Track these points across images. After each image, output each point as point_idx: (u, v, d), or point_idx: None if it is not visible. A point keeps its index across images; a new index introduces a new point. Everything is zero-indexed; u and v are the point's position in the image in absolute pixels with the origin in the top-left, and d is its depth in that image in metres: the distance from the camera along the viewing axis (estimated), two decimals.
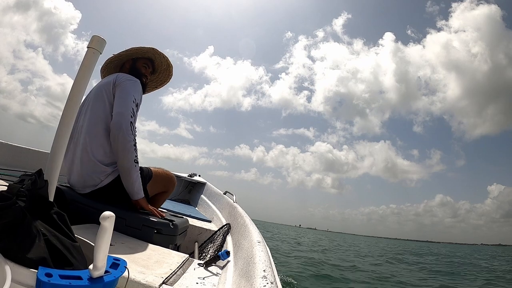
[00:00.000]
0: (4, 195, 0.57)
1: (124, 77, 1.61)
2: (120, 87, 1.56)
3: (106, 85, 1.58)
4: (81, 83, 0.87)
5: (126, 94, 1.54)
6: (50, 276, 0.50)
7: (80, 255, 0.63)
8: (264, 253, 0.98)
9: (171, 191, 1.98)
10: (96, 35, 0.89)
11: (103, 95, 1.55)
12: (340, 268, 8.49)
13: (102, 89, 1.56)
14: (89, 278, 0.54)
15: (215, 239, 1.85)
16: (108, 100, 1.55)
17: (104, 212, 0.54)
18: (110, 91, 1.56)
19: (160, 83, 2.02)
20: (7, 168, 2.10)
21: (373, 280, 7.17)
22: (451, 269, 11.68)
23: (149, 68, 1.84)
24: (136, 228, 1.35)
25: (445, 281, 8.10)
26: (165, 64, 1.90)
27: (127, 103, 1.51)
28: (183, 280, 0.98)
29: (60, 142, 0.83)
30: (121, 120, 1.46)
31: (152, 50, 1.79)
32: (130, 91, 1.55)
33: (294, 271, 6.69)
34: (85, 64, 0.88)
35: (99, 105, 1.54)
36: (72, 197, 1.43)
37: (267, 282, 0.71)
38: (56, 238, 0.60)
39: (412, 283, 7.25)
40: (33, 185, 0.63)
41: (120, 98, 1.53)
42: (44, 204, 0.64)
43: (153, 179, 1.77)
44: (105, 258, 0.55)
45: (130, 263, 0.87)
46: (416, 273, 9.68)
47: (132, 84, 1.59)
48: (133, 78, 1.63)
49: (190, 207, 3.36)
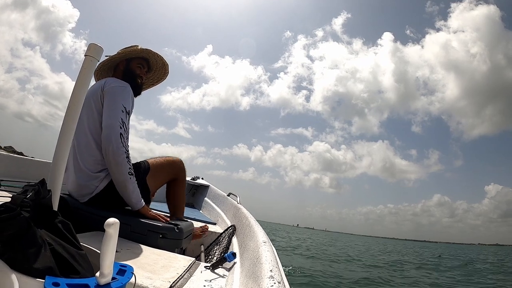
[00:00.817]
0: (8, 206, 0.57)
1: (113, 83, 1.55)
2: (108, 95, 1.50)
3: (94, 92, 1.52)
4: (80, 91, 0.88)
5: (115, 103, 1.48)
6: (57, 285, 0.50)
7: (87, 263, 0.63)
8: (270, 253, 0.98)
9: (182, 177, 1.89)
10: (93, 43, 0.90)
11: (91, 103, 1.50)
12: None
13: (90, 98, 1.50)
14: (96, 285, 0.54)
15: (220, 241, 1.84)
16: (96, 108, 1.50)
17: (108, 219, 0.54)
18: (98, 99, 1.51)
19: (157, 81, 1.95)
20: (10, 179, 2.10)
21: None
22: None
23: (144, 68, 1.77)
24: (141, 233, 1.35)
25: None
26: (160, 62, 1.83)
27: (116, 113, 1.46)
28: (190, 284, 0.97)
29: (62, 151, 0.83)
30: (110, 133, 1.42)
31: (146, 51, 1.72)
32: (118, 99, 1.49)
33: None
34: (83, 72, 0.88)
35: (87, 114, 1.49)
36: (76, 205, 1.43)
37: (274, 282, 0.71)
38: (62, 247, 0.60)
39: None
40: (36, 195, 0.63)
41: (109, 108, 1.47)
42: (48, 214, 0.64)
43: (152, 170, 1.71)
44: (111, 265, 0.55)
45: (136, 268, 0.87)
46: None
47: (121, 90, 1.53)
48: (123, 83, 1.56)
49: (195, 210, 3.36)
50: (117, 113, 1.46)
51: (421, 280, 7.99)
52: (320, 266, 8.79)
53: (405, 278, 8.07)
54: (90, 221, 1.35)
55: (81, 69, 0.88)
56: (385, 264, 11.54)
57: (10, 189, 1.88)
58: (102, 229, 0.54)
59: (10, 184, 1.97)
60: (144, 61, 1.77)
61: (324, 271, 7.56)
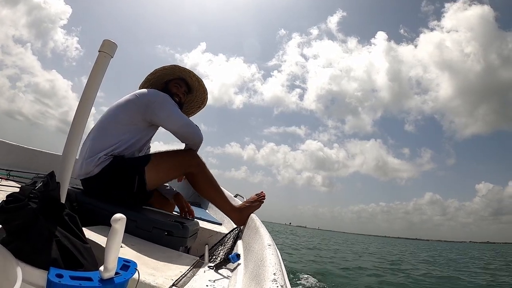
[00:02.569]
0: (17, 197, 0.57)
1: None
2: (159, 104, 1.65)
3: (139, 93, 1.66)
4: (93, 86, 0.88)
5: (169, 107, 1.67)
6: (60, 277, 0.50)
7: (91, 256, 0.63)
8: (275, 256, 0.97)
9: (198, 171, 1.68)
10: (107, 39, 0.90)
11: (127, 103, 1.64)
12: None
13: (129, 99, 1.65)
14: (100, 279, 0.54)
15: (225, 242, 1.84)
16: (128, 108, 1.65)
17: (115, 214, 0.54)
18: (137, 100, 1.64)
19: (201, 102, 2.03)
20: (20, 170, 2.14)
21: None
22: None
23: (182, 87, 1.85)
24: (147, 230, 1.36)
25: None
26: (196, 81, 1.90)
27: (179, 114, 1.72)
28: (193, 283, 0.97)
29: (72, 145, 0.84)
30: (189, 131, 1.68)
31: (175, 67, 1.81)
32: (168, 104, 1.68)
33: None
34: (96, 67, 0.89)
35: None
36: (84, 199, 1.45)
37: (277, 285, 0.70)
38: (67, 240, 0.60)
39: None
40: (45, 187, 0.63)
41: (170, 112, 1.66)
42: (56, 206, 0.65)
43: (153, 161, 1.60)
44: (115, 259, 0.55)
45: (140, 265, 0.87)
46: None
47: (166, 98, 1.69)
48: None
49: (201, 210, 3.36)
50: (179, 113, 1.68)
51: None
52: None
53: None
54: (97, 215, 1.36)
55: (95, 65, 0.89)
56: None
57: (20, 179, 1.92)
58: (109, 223, 0.54)
59: (20, 175, 2.01)
60: (181, 81, 1.86)
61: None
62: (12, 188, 1.62)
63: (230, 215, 1.80)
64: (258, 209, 1.82)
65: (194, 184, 1.73)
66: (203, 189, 1.74)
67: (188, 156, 1.68)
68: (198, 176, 1.69)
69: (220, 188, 1.77)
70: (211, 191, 1.75)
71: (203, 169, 1.70)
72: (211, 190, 1.74)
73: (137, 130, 1.65)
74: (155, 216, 1.46)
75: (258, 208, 1.83)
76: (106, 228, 0.91)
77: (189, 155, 1.68)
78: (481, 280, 8.32)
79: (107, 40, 0.90)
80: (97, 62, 0.89)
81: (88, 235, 0.67)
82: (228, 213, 1.79)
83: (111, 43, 0.90)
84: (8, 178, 1.90)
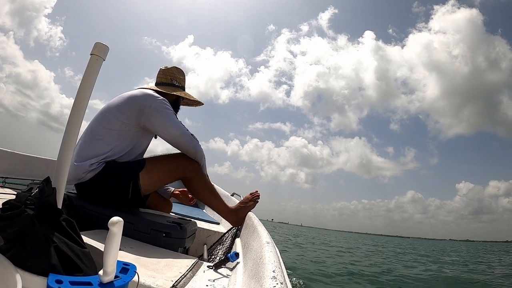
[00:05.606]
0: (13, 204, 0.57)
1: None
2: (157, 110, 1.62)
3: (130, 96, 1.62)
4: (85, 90, 0.88)
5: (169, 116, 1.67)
6: (60, 282, 0.50)
7: (90, 261, 0.63)
8: (273, 253, 0.98)
9: (193, 176, 1.66)
10: (99, 42, 0.89)
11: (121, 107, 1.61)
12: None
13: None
14: (99, 283, 0.54)
15: (224, 241, 1.84)
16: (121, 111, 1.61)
17: (112, 218, 0.54)
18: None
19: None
20: (15, 177, 2.12)
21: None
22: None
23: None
24: (145, 232, 1.36)
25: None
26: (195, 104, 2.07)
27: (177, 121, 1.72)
28: (193, 283, 0.97)
29: (67, 150, 0.83)
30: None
31: (191, 97, 1.92)
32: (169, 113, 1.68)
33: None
34: (89, 71, 0.88)
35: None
36: (80, 204, 1.44)
37: (277, 283, 0.70)
38: (66, 245, 0.60)
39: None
40: (41, 193, 0.63)
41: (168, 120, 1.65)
42: (52, 212, 0.64)
43: (148, 166, 1.56)
44: (114, 263, 0.55)
45: (139, 267, 0.87)
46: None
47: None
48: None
49: (198, 210, 3.36)
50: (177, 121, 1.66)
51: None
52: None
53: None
54: (95, 219, 1.36)
55: (87, 68, 0.88)
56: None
57: (15, 186, 1.90)
58: (106, 227, 0.54)
59: (15, 182, 1.99)
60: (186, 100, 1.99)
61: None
62: (8, 196, 1.60)
63: (226, 218, 1.82)
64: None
65: (190, 188, 1.73)
66: (199, 193, 1.74)
67: (183, 161, 1.65)
68: (193, 181, 1.68)
69: (216, 191, 1.77)
70: (207, 195, 1.75)
71: (199, 173, 1.69)
72: (207, 194, 1.74)
73: (132, 136, 1.58)
74: (152, 218, 1.45)
75: (253, 208, 1.86)
76: (104, 232, 0.91)
77: (184, 159, 1.66)
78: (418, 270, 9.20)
79: (99, 43, 0.89)
80: (89, 65, 0.88)
81: (86, 240, 0.67)
82: (225, 216, 1.81)
83: (103, 46, 0.89)
84: (3, 186, 1.88)
